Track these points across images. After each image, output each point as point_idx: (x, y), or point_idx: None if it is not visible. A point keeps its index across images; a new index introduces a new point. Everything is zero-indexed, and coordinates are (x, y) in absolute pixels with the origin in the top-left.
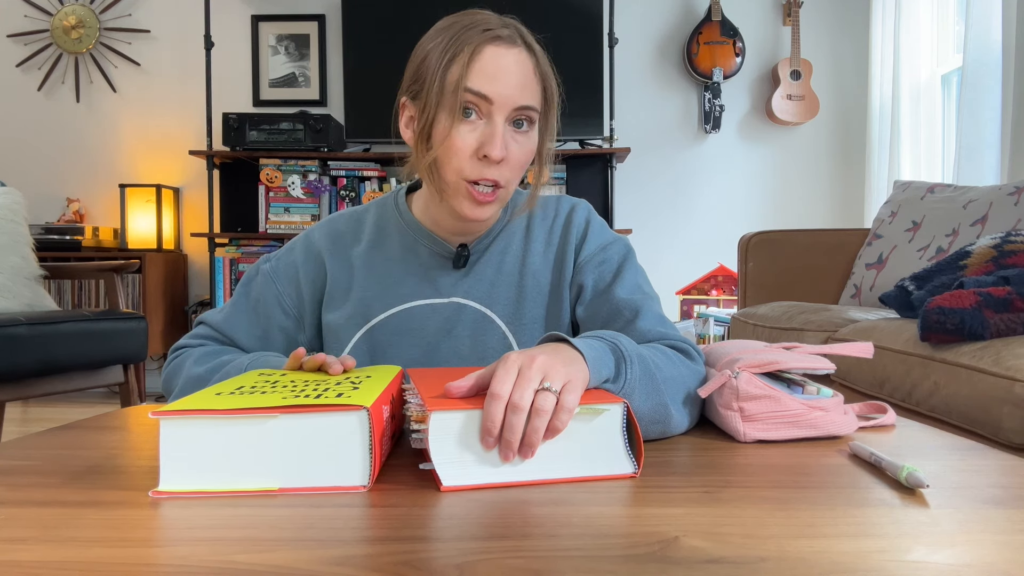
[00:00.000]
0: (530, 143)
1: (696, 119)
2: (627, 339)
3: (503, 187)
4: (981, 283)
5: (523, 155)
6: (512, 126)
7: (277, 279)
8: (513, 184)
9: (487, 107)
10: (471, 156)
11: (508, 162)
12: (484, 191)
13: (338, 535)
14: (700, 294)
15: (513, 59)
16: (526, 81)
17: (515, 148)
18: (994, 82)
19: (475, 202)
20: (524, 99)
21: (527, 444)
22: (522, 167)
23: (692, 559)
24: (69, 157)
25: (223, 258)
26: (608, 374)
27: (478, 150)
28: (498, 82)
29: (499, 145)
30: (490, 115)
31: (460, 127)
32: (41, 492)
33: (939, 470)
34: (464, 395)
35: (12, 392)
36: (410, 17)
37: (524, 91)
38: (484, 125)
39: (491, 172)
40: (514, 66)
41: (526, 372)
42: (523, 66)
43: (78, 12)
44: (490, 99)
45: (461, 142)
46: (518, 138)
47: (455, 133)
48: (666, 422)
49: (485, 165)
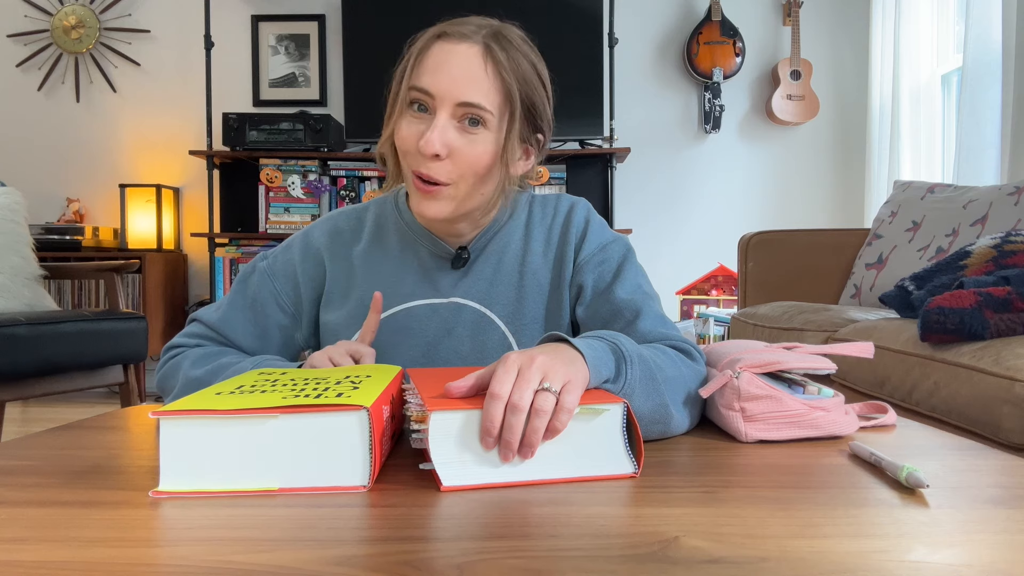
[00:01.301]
0: (483, 144)
1: (696, 119)
2: (627, 339)
3: (448, 184)
4: (981, 283)
5: (473, 155)
6: (464, 123)
7: (274, 277)
8: (464, 185)
9: (431, 102)
10: (415, 148)
11: (453, 160)
12: (426, 184)
13: (338, 535)
14: (700, 294)
15: (461, 55)
16: (472, 77)
17: (461, 146)
18: (994, 82)
19: (420, 195)
20: (467, 95)
21: (527, 444)
22: (472, 166)
23: (692, 559)
24: (69, 157)
25: (223, 258)
26: (608, 374)
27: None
28: (440, 76)
29: (431, 139)
30: (434, 110)
31: (406, 119)
32: (41, 492)
33: (939, 470)
34: (464, 395)
35: (12, 392)
36: (410, 17)
37: (469, 86)
38: (429, 120)
39: (426, 167)
40: (460, 60)
41: (525, 372)
42: (471, 62)
43: (78, 12)
44: (430, 93)
45: (406, 132)
46: (467, 136)
47: (402, 123)
48: (667, 422)
49: (422, 159)
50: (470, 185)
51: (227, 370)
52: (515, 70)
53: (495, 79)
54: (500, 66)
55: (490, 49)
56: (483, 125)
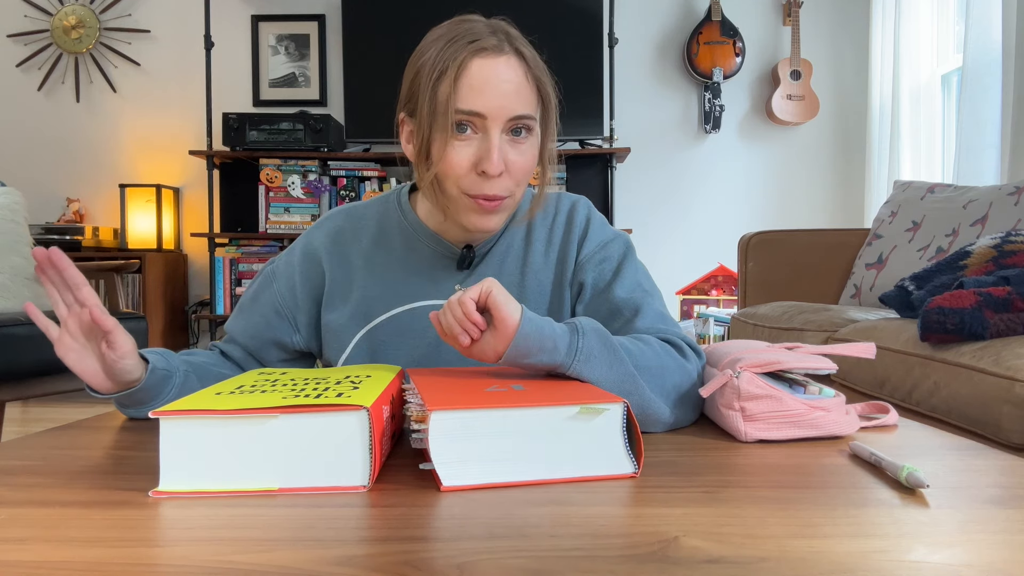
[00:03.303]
0: (531, 150)
1: (696, 119)
2: (590, 319)
3: (508, 197)
4: (981, 283)
5: (525, 163)
6: (511, 135)
7: (276, 280)
8: (519, 193)
9: (481, 122)
10: (469, 171)
11: (510, 173)
12: (489, 202)
13: (338, 535)
14: (700, 294)
15: (502, 69)
16: (518, 89)
17: (515, 158)
18: (994, 82)
19: (481, 212)
20: (518, 108)
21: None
22: (526, 174)
23: (692, 559)
24: (69, 157)
25: (223, 258)
26: (551, 333)
27: (476, 165)
28: (488, 96)
29: (495, 161)
30: (485, 129)
31: (455, 144)
32: (41, 492)
33: (939, 470)
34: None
35: (12, 392)
36: (410, 17)
37: (517, 100)
38: (480, 140)
39: (490, 187)
40: (504, 76)
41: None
42: (514, 73)
43: (78, 12)
44: (483, 115)
45: (457, 158)
46: (518, 147)
47: (450, 151)
48: (641, 395)
49: (484, 180)
50: (522, 190)
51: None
52: (539, 68)
53: (532, 84)
54: (533, 70)
55: (521, 55)
56: (528, 132)
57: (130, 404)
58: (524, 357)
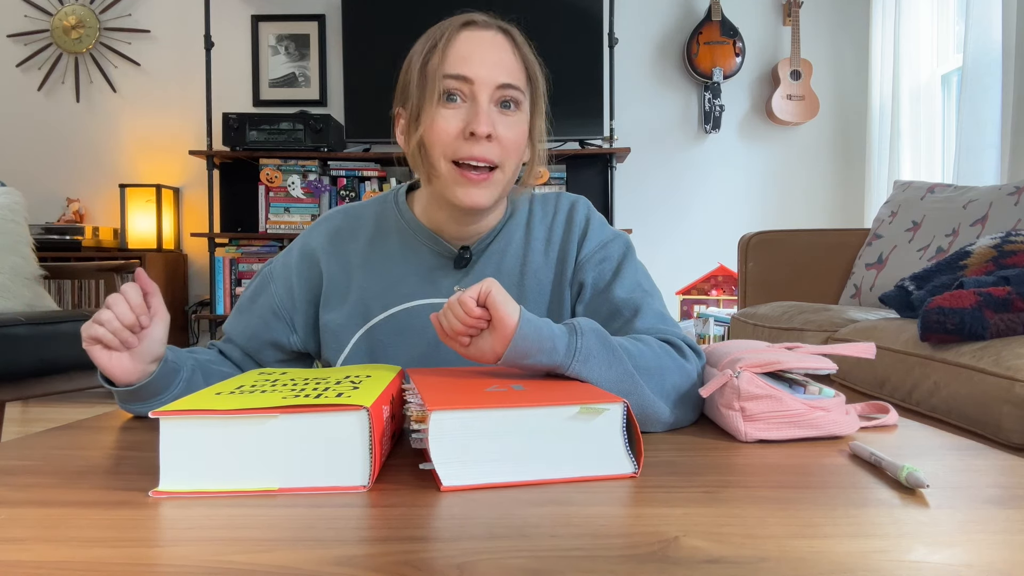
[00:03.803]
0: (519, 125)
1: (696, 119)
2: (589, 320)
3: (497, 167)
4: (981, 283)
5: (514, 136)
6: (499, 107)
7: (274, 280)
8: (508, 169)
9: (469, 88)
10: (456, 136)
11: (499, 142)
12: (476, 172)
13: (338, 535)
14: (700, 294)
15: (488, 40)
16: (504, 60)
17: (503, 131)
18: (994, 82)
19: (468, 184)
20: (504, 77)
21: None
22: (515, 147)
23: (692, 559)
24: (69, 157)
25: (223, 258)
26: (550, 334)
27: (464, 130)
28: (475, 63)
29: (484, 120)
30: (473, 96)
31: (443, 111)
32: (41, 492)
33: (939, 470)
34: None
35: (12, 392)
36: (410, 17)
37: (503, 69)
38: (468, 107)
39: (479, 149)
40: (490, 46)
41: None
42: (499, 46)
43: (78, 12)
44: (470, 79)
45: (445, 124)
46: (506, 119)
47: (438, 117)
48: (639, 394)
49: (474, 143)
50: (512, 167)
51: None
52: (526, 48)
53: (520, 61)
54: (521, 48)
55: (509, 33)
56: (516, 106)
57: (139, 397)
58: (523, 358)
